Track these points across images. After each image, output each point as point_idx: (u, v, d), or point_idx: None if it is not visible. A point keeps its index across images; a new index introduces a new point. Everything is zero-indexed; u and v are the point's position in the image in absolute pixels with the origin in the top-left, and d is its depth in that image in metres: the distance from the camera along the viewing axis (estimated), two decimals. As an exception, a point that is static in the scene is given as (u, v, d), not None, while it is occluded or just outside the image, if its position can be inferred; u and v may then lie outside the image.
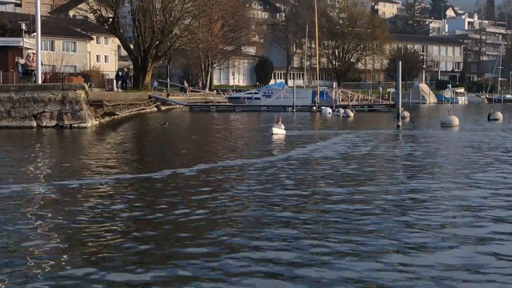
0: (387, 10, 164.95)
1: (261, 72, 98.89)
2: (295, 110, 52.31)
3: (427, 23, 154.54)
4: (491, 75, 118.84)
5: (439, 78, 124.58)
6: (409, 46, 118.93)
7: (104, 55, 78.76)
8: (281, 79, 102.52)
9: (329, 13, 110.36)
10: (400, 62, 32.31)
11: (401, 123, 29.33)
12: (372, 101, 65.08)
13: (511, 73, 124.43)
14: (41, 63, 31.60)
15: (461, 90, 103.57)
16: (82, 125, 28.24)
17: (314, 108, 55.54)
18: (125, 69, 56.23)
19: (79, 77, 38.13)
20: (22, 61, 32.66)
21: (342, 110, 48.03)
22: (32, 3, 40.89)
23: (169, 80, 67.69)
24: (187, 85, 69.26)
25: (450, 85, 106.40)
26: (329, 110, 48.40)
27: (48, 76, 33.44)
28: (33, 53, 32.21)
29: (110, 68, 70.16)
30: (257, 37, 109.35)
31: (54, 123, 28.22)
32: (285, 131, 25.16)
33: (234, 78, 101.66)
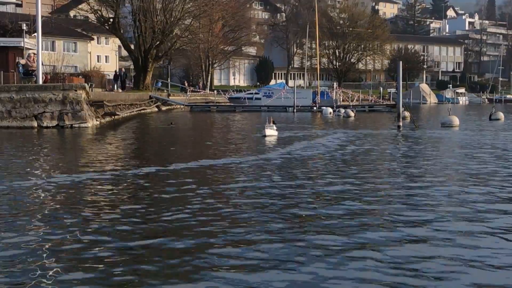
0: (388, 10, 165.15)
1: (262, 72, 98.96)
2: (295, 110, 52.34)
3: (428, 23, 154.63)
4: (491, 75, 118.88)
5: (440, 78, 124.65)
6: (409, 46, 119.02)
7: (104, 55, 78.90)
8: (281, 79, 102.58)
9: (330, 13, 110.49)
10: (400, 62, 32.28)
11: (401, 123, 29.33)
12: (372, 101, 65.08)
13: (511, 73, 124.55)
14: (42, 64, 31.64)
15: (462, 90, 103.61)
16: (82, 125, 28.27)
17: (314, 108, 55.56)
18: (123, 69, 56.14)
19: (80, 77, 38.21)
20: (22, 62, 32.70)
21: (342, 110, 48.03)
22: (32, 4, 40.93)
23: (169, 80, 67.72)
24: (187, 85, 69.29)
25: (450, 85, 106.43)
26: (330, 110, 48.41)
27: (48, 76, 33.48)
28: (34, 54, 32.26)
29: (110, 68, 70.17)
30: (258, 37, 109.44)
31: (54, 123, 28.26)
32: (277, 132, 24.38)
33: (234, 78, 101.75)
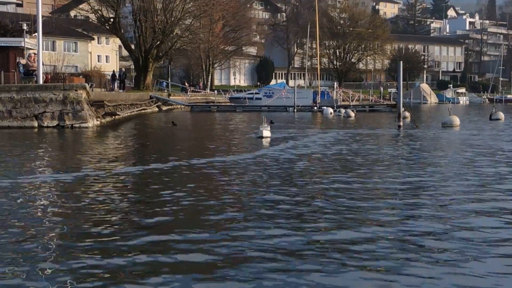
0: (388, 10, 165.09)
1: (262, 72, 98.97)
2: (296, 110, 52.35)
3: (428, 23, 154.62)
4: (492, 75, 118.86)
5: (440, 78, 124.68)
6: (410, 46, 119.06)
7: (105, 55, 78.91)
8: (282, 79, 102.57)
9: (330, 13, 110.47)
10: (401, 62, 32.29)
11: (402, 123, 29.34)
12: (373, 101, 65.08)
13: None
14: (42, 63, 31.64)
15: (462, 90, 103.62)
16: (83, 125, 28.27)
17: (315, 108, 55.55)
18: (122, 69, 56.15)
19: (80, 77, 38.29)
20: (23, 61, 32.69)
21: (343, 110, 48.00)
22: (33, 3, 40.97)
23: (170, 80, 67.75)
24: (187, 85, 69.31)
25: (451, 85, 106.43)
26: (331, 110, 48.34)
27: (49, 76, 33.49)
28: (34, 53, 32.24)
29: (111, 68, 70.09)
30: (258, 37, 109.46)
31: (55, 123, 28.26)
32: (270, 133, 23.11)
33: (235, 78, 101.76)
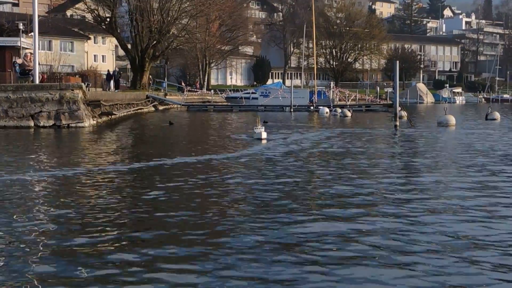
0: (385, 10, 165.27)
1: (259, 72, 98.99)
2: (292, 110, 52.38)
3: (425, 22, 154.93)
4: (488, 74, 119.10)
5: (437, 77, 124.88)
6: (406, 46, 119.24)
7: (101, 54, 78.82)
8: (278, 79, 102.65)
9: (327, 13, 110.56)
10: (397, 62, 32.36)
11: (398, 123, 29.38)
12: (369, 101, 65.14)
13: (508, 72, 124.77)
14: (39, 63, 31.60)
15: (459, 89, 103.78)
16: (79, 124, 28.24)
17: (311, 108, 55.55)
18: (116, 68, 56.03)
19: (77, 76, 38.27)
20: (19, 61, 32.62)
21: (339, 109, 47.97)
22: (29, 3, 40.91)
23: (166, 79, 67.74)
24: (184, 85, 69.32)
25: (447, 85, 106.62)
26: (327, 110, 48.28)
27: (45, 76, 33.45)
28: (31, 53, 32.20)
29: (107, 67, 70.13)
30: (255, 37, 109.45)
31: (51, 123, 28.21)
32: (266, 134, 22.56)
33: (231, 78, 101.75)
